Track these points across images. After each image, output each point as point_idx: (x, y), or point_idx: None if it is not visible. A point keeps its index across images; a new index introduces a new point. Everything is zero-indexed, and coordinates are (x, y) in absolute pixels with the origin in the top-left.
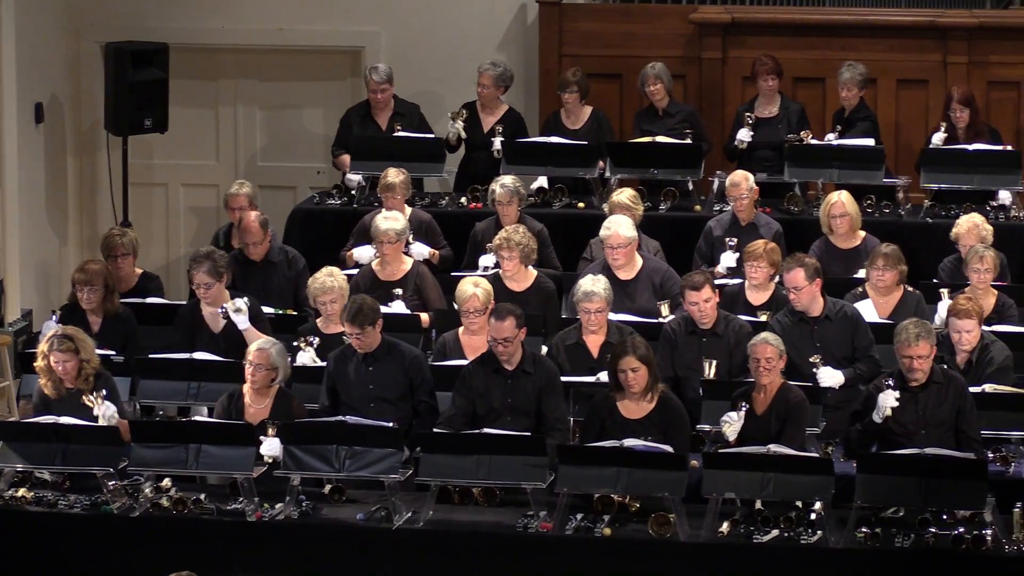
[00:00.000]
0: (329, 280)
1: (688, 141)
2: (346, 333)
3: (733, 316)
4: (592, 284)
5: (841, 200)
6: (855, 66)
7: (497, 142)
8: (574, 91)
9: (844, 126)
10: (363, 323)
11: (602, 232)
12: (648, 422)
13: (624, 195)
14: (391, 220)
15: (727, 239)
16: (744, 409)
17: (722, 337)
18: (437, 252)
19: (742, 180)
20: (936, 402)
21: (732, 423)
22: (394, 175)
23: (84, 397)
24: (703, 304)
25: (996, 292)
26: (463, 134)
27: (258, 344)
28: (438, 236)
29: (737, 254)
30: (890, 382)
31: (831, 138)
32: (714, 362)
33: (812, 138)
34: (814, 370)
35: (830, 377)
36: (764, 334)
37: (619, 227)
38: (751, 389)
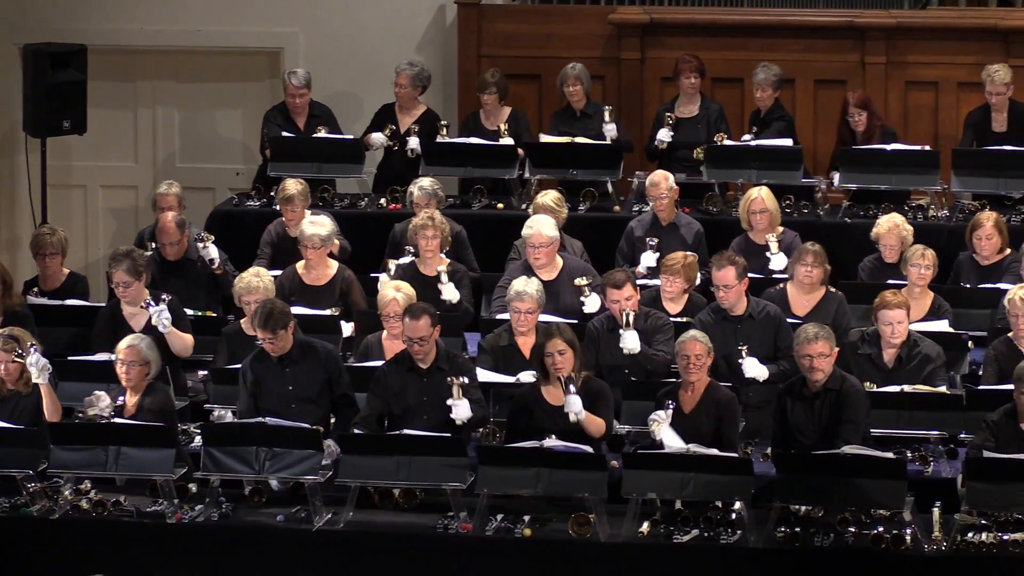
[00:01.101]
0: (255, 280)
1: (608, 142)
2: (258, 337)
3: (652, 311)
4: (524, 285)
5: (761, 196)
6: (769, 67)
7: (413, 142)
8: (493, 92)
9: (760, 127)
10: (275, 327)
11: (524, 231)
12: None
13: (549, 197)
14: (317, 225)
15: (648, 239)
16: (671, 408)
17: (643, 332)
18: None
19: (662, 180)
20: (832, 408)
21: (661, 421)
22: (292, 186)
23: None
24: (624, 302)
25: (932, 293)
26: (388, 142)
27: (127, 341)
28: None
29: (658, 254)
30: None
31: (747, 139)
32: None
33: (728, 139)
34: (740, 360)
35: (755, 368)
36: (692, 331)
37: (541, 226)
38: (677, 387)
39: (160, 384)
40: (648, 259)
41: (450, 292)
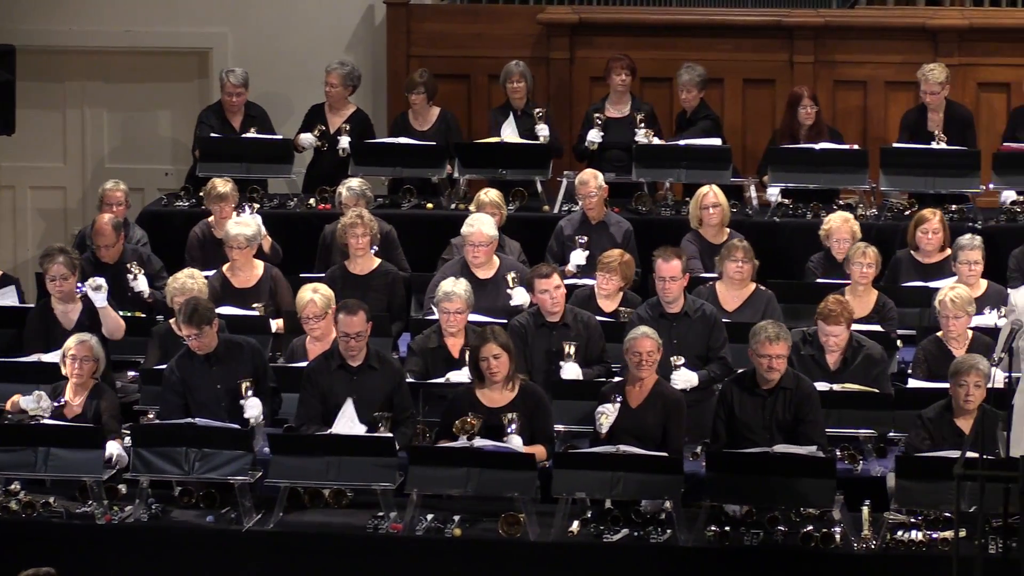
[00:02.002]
0: (190, 282)
1: (539, 140)
2: (184, 335)
3: (579, 309)
4: (452, 285)
5: (713, 190)
6: (693, 68)
7: (344, 141)
8: (421, 92)
9: (686, 127)
10: (200, 323)
11: (465, 229)
12: (512, 408)
13: (491, 194)
14: (242, 225)
15: (577, 237)
16: (618, 401)
17: (571, 328)
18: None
19: (591, 179)
20: (784, 406)
21: (609, 415)
22: (222, 185)
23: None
24: (554, 291)
25: (876, 291)
26: (317, 143)
27: (78, 337)
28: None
29: (587, 252)
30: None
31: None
32: (573, 344)
33: (655, 137)
34: (674, 372)
35: (684, 380)
36: (643, 328)
37: (482, 225)
38: (623, 384)
39: (106, 386)
40: (577, 257)
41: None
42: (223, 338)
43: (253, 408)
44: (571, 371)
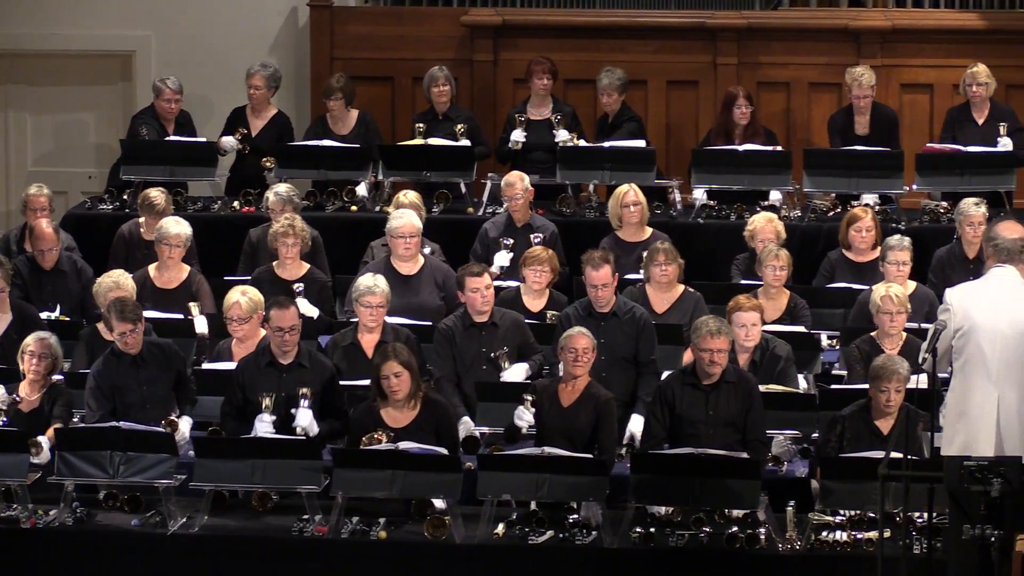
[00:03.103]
0: (122, 279)
1: (464, 142)
2: (116, 334)
3: (506, 309)
4: (372, 280)
5: (633, 188)
6: (613, 71)
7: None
8: (338, 98)
9: (608, 131)
10: (134, 319)
11: (393, 222)
12: (415, 427)
13: (410, 195)
14: (181, 225)
15: (503, 239)
16: (530, 400)
17: (499, 327)
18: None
19: (517, 181)
20: (726, 401)
21: (527, 419)
22: (156, 195)
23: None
24: (484, 290)
25: (788, 292)
26: (239, 146)
27: (37, 334)
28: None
29: (511, 254)
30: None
31: (581, 141)
32: (505, 349)
33: (580, 139)
34: (502, 368)
35: (513, 374)
36: (578, 327)
37: (411, 217)
38: (557, 382)
39: (63, 385)
40: (502, 259)
41: (515, 372)
42: (147, 341)
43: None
44: (515, 372)
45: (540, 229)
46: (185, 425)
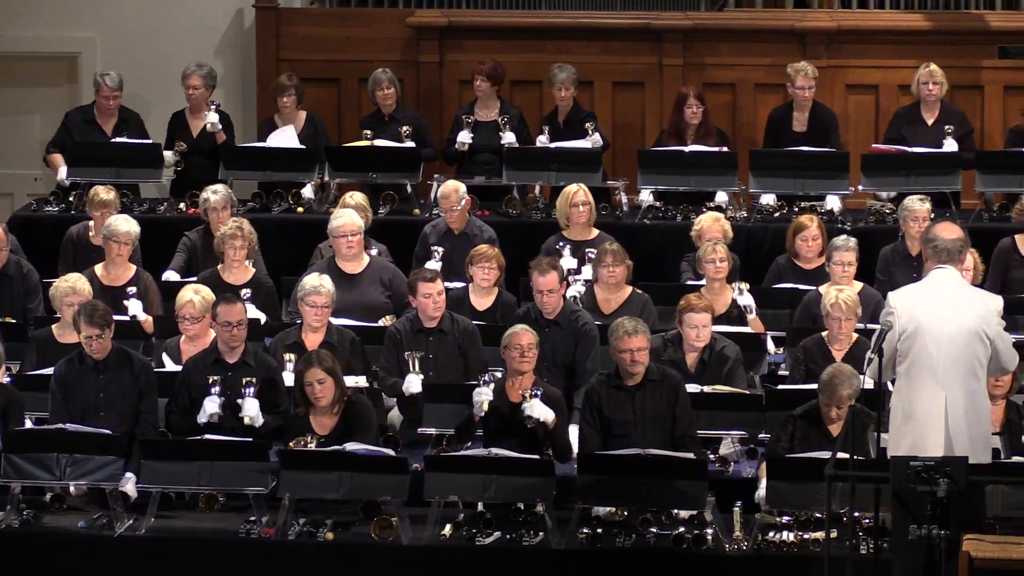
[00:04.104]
0: (80, 283)
1: (409, 144)
2: (83, 337)
3: (457, 315)
4: (318, 280)
5: (582, 188)
6: (564, 66)
7: (212, 116)
8: (292, 94)
9: (564, 128)
10: (102, 324)
11: (335, 222)
12: (338, 434)
13: (356, 197)
14: (131, 223)
15: (434, 248)
16: (491, 383)
17: (448, 334)
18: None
19: (452, 192)
20: (652, 400)
21: (486, 397)
22: (105, 192)
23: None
24: (437, 296)
25: (730, 287)
26: (176, 160)
27: None
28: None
29: (440, 263)
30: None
31: (543, 140)
32: (417, 355)
33: (544, 137)
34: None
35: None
36: (520, 324)
37: (352, 216)
38: (503, 381)
39: (12, 388)
40: (432, 265)
41: (539, 410)
42: (116, 347)
43: (250, 407)
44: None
45: (476, 236)
46: (130, 487)
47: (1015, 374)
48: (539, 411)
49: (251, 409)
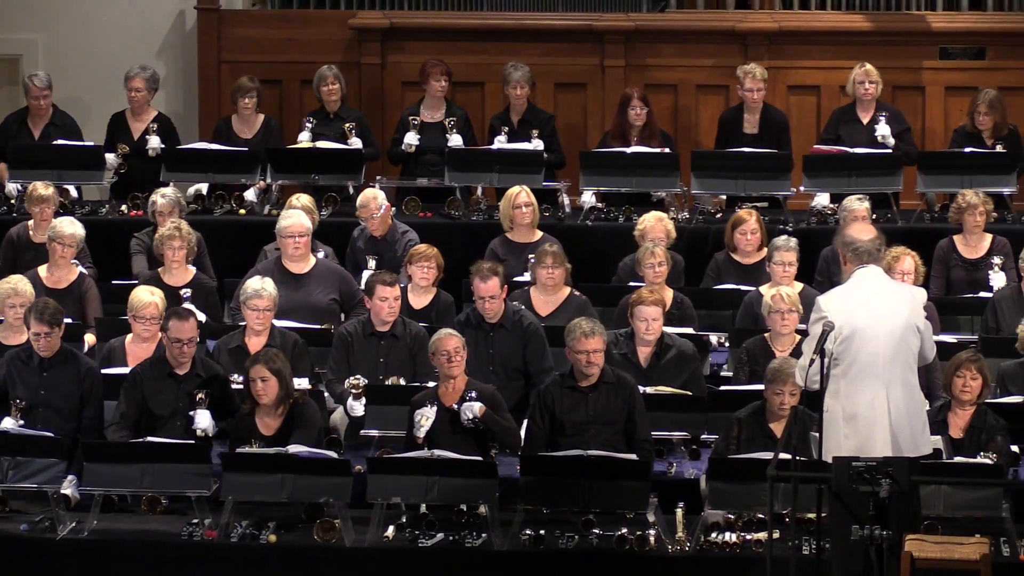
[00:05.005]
0: (22, 285)
1: (355, 141)
2: (31, 334)
3: (410, 320)
4: (259, 283)
5: (525, 190)
6: (520, 65)
7: (154, 141)
8: (253, 96)
9: (518, 128)
10: (52, 322)
11: (283, 222)
12: (281, 435)
13: (303, 199)
14: (76, 225)
15: (367, 256)
16: (435, 405)
17: (400, 339)
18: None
19: (370, 200)
20: (606, 402)
21: (428, 417)
22: (43, 188)
23: None
24: (393, 301)
25: (671, 290)
26: (118, 163)
27: None
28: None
29: (373, 271)
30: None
31: (502, 140)
32: (399, 375)
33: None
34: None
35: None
36: (444, 329)
37: (300, 217)
38: (435, 389)
39: None
40: (367, 275)
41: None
42: (65, 348)
43: (203, 420)
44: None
45: (399, 241)
46: (72, 490)
47: (986, 380)
48: (477, 409)
49: (203, 421)
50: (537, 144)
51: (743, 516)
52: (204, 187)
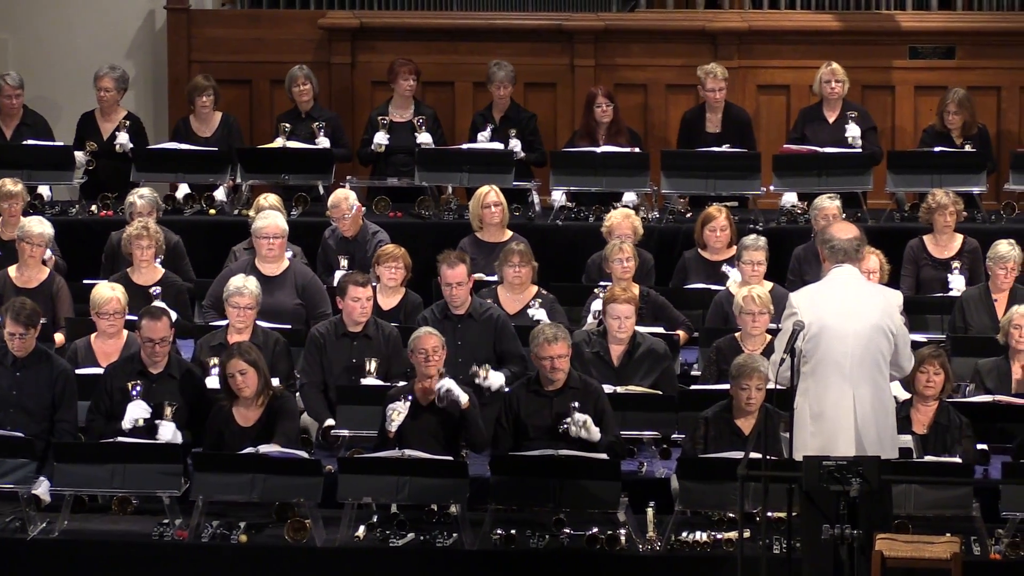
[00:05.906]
0: None
1: (323, 141)
2: (6, 333)
3: (380, 320)
4: (242, 281)
5: (493, 189)
6: (504, 64)
7: (123, 137)
8: (210, 94)
9: (501, 124)
10: (28, 323)
11: (258, 223)
12: (260, 427)
13: (271, 199)
14: (45, 224)
15: (340, 257)
16: (408, 400)
17: (373, 339)
18: None
19: (341, 201)
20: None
21: (400, 411)
22: (11, 184)
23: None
24: (365, 301)
25: (638, 287)
26: (87, 159)
27: None
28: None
29: (345, 271)
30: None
31: (484, 136)
32: (374, 360)
33: (516, 141)
34: (482, 377)
35: (496, 379)
36: (425, 327)
37: (276, 218)
38: (411, 384)
39: None
40: (340, 274)
41: (495, 378)
42: (39, 348)
43: (165, 432)
44: (495, 379)
45: (369, 242)
46: (43, 490)
47: (948, 375)
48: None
49: (166, 434)
50: (515, 144)
51: (713, 515)
52: (186, 188)
